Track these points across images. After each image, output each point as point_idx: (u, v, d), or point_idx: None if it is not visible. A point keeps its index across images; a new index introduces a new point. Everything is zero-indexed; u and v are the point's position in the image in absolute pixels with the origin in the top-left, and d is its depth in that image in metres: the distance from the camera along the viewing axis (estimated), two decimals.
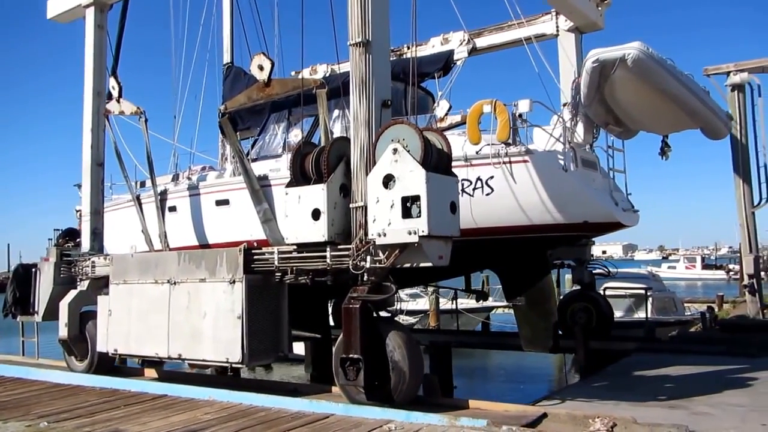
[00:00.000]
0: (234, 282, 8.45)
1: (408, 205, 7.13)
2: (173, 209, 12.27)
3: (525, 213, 9.60)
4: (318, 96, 9.13)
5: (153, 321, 9.24)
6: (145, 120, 11.64)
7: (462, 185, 9.14)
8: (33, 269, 11.90)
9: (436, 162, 7.43)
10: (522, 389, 17.50)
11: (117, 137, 12.09)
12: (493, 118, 9.26)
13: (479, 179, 9.67)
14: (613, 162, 11.35)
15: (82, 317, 10.73)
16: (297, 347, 13.30)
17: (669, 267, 72.97)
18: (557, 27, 12.61)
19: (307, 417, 6.90)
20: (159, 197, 12.05)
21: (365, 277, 7.52)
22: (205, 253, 9.09)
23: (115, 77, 11.91)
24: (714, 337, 13.85)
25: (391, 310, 7.95)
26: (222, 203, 11.53)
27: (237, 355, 8.29)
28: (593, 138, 10.74)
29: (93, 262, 10.80)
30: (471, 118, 9.32)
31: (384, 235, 7.26)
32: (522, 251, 10.31)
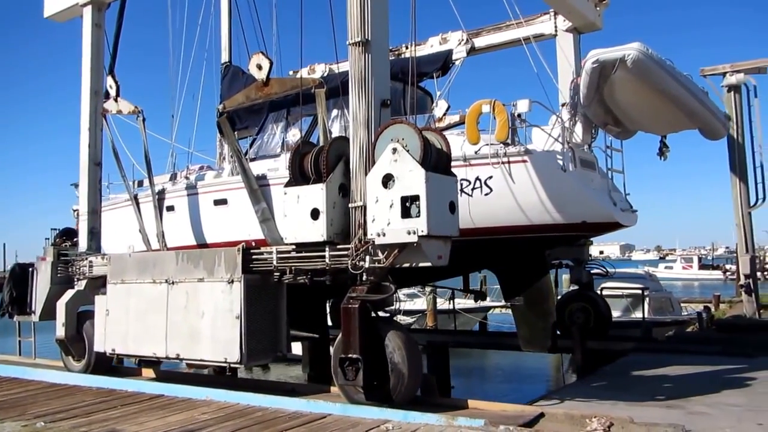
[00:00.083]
0: (232, 282, 8.44)
1: (407, 205, 7.11)
2: (171, 209, 12.25)
3: (524, 213, 9.60)
4: (317, 95, 9.12)
5: (151, 321, 9.22)
6: (143, 119, 11.62)
7: (461, 185, 9.14)
8: (30, 269, 11.87)
9: (435, 162, 7.42)
10: (519, 389, 17.51)
11: (114, 136, 12.08)
12: (492, 118, 9.25)
13: (478, 179, 9.66)
14: (612, 162, 11.38)
15: (79, 317, 10.69)
16: (294, 347, 13.29)
17: (666, 267, 73.05)
18: (555, 27, 12.64)
19: (305, 417, 6.89)
20: (157, 197, 12.02)
21: (364, 277, 7.52)
22: (204, 253, 9.07)
23: (113, 76, 11.88)
24: (710, 337, 13.86)
25: (390, 309, 7.94)
26: (220, 203, 11.51)
27: (235, 355, 8.28)
28: (592, 138, 10.76)
29: (90, 261, 10.77)
30: (470, 118, 9.31)
31: (383, 235, 7.24)
32: (520, 251, 10.31)
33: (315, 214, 7.84)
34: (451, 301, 19.65)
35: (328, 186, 7.83)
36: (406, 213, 7.11)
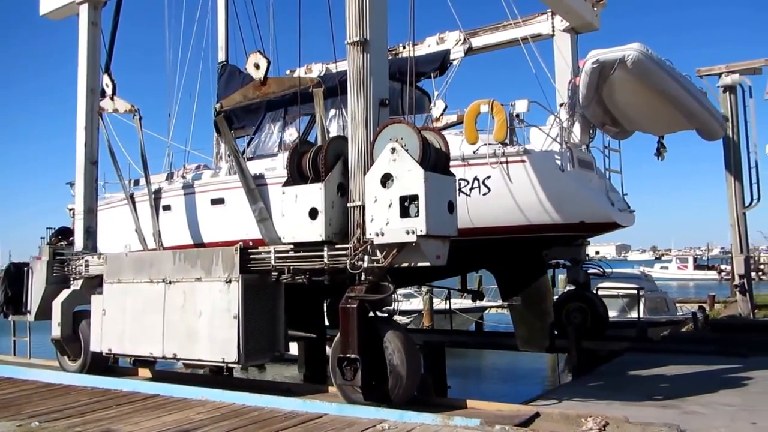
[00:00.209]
0: (230, 281, 8.39)
1: (406, 205, 7.09)
2: (167, 208, 12.19)
3: (522, 213, 9.59)
4: (315, 95, 9.08)
5: (148, 321, 9.17)
6: (140, 118, 11.57)
7: (459, 185, 9.13)
8: (25, 268, 11.80)
9: (434, 161, 7.40)
10: (515, 389, 17.56)
11: (111, 135, 12.03)
12: (490, 117, 9.25)
13: (476, 179, 9.66)
14: (609, 162, 11.40)
15: (75, 317, 10.63)
16: (290, 347, 13.26)
17: (661, 267, 73.12)
18: (553, 27, 12.66)
19: (301, 417, 6.87)
20: (153, 196, 11.97)
21: (363, 277, 7.49)
22: (201, 253, 9.03)
23: (109, 75, 11.83)
24: (705, 337, 13.92)
25: (388, 309, 7.93)
26: (217, 202, 11.46)
27: (233, 355, 8.24)
28: (590, 138, 10.78)
29: (86, 261, 10.71)
30: (468, 117, 9.30)
31: (382, 235, 7.22)
32: (518, 251, 10.31)
33: (313, 213, 7.81)
34: (448, 301, 19.68)
35: (326, 185, 7.80)
36: (404, 213, 7.08)
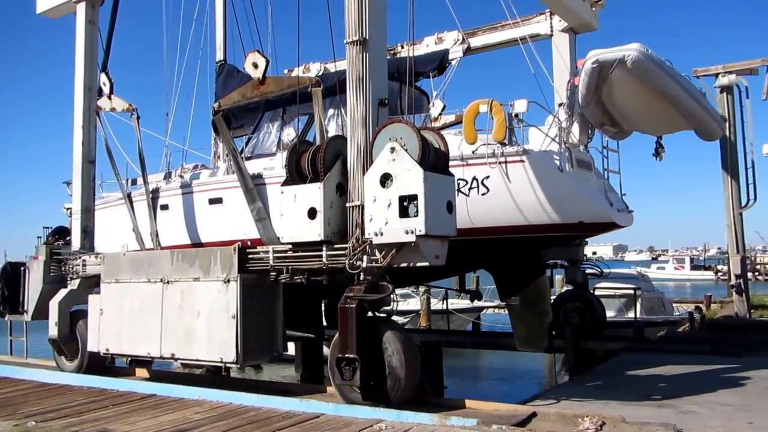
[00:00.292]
0: (228, 281, 8.36)
1: (405, 205, 7.07)
2: (165, 207, 12.16)
3: (521, 213, 9.60)
4: (313, 94, 9.07)
5: (145, 320, 9.13)
6: (137, 117, 11.54)
7: (458, 185, 9.13)
8: (22, 268, 11.75)
9: (433, 161, 7.39)
10: (512, 389, 17.56)
11: (108, 134, 11.99)
12: (489, 117, 9.25)
13: (475, 179, 9.66)
14: (608, 163, 11.41)
15: (72, 316, 10.59)
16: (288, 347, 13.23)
17: (658, 268, 73.30)
18: (551, 27, 12.66)
19: (298, 417, 6.86)
20: (151, 195, 11.93)
21: (361, 277, 7.47)
22: (199, 252, 9.00)
23: (106, 73, 11.80)
24: (702, 337, 13.95)
25: (386, 309, 7.91)
26: (215, 202, 11.44)
27: (231, 355, 8.21)
28: (588, 138, 10.79)
29: (84, 260, 10.66)
30: (467, 117, 9.30)
31: (381, 235, 7.20)
32: (517, 251, 10.31)
33: (312, 213, 7.79)
34: (445, 302, 19.68)
35: (325, 185, 7.77)
36: (404, 212, 7.07)
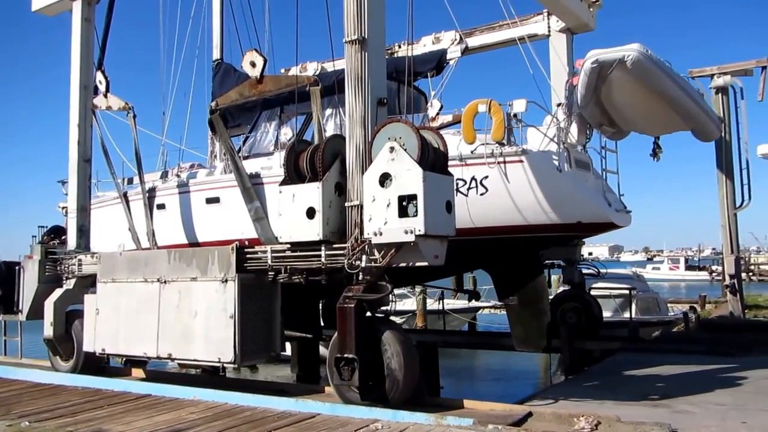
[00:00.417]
0: (226, 281, 8.35)
1: (404, 204, 7.06)
2: (162, 207, 12.10)
3: (519, 213, 9.60)
4: (312, 93, 9.04)
5: (142, 320, 9.10)
6: (134, 116, 11.48)
7: (456, 185, 9.11)
8: (17, 267, 11.68)
9: (432, 161, 7.38)
10: (508, 389, 17.55)
11: (104, 133, 11.92)
12: (488, 117, 9.24)
13: (474, 179, 9.65)
14: (606, 163, 11.42)
15: (68, 316, 10.53)
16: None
17: (653, 268, 73.23)
18: (549, 27, 12.67)
19: (294, 416, 6.86)
20: (147, 194, 11.88)
21: (360, 277, 7.45)
22: (197, 252, 8.97)
23: (102, 72, 11.73)
24: (696, 337, 13.99)
25: (385, 309, 7.89)
26: (212, 201, 11.39)
27: (229, 355, 8.20)
28: (587, 139, 10.79)
29: (80, 260, 10.61)
30: (466, 117, 9.29)
31: (380, 234, 7.18)
32: (515, 251, 10.31)
33: (311, 213, 7.77)
34: (441, 302, 19.66)
35: (324, 185, 7.76)
36: (403, 212, 7.05)
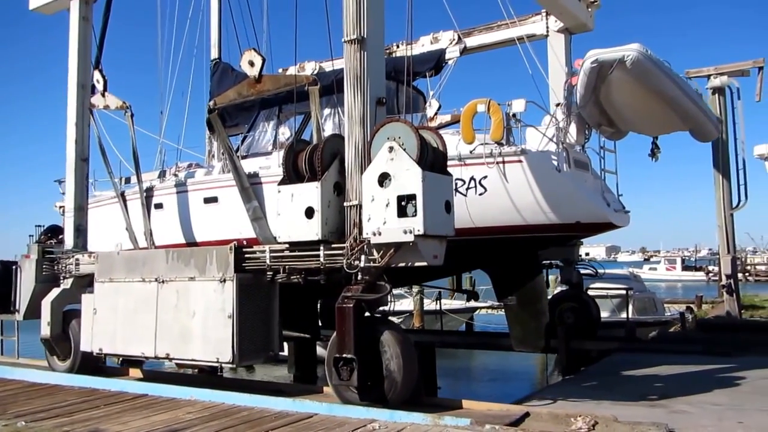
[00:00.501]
0: (225, 281, 8.32)
1: (403, 204, 7.04)
2: (159, 206, 12.07)
3: (518, 213, 9.60)
4: (310, 93, 9.01)
5: (140, 320, 9.06)
6: (131, 115, 11.44)
7: (455, 185, 9.11)
8: (14, 266, 11.63)
9: (432, 161, 7.37)
10: (505, 389, 17.57)
11: (101, 132, 11.88)
12: (487, 117, 9.24)
13: (473, 179, 9.65)
14: (604, 163, 11.44)
15: (65, 316, 10.49)
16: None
17: (650, 268, 73.19)
18: (547, 27, 12.65)
19: (291, 416, 6.84)
20: (145, 194, 11.84)
21: (359, 277, 7.43)
22: (195, 252, 8.93)
23: (100, 71, 11.69)
24: (693, 337, 14.02)
25: (383, 310, 7.88)
26: (210, 201, 11.36)
27: (227, 355, 8.17)
28: (585, 139, 10.79)
29: (77, 259, 10.56)
30: (465, 117, 9.29)
31: (379, 234, 7.17)
32: (514, 251, 10.31)
33: (309, 212, 7.75)
34: (438, 302, 19.67)
35: (323, 184, 7.74)
36: (402, 212, 7.04)
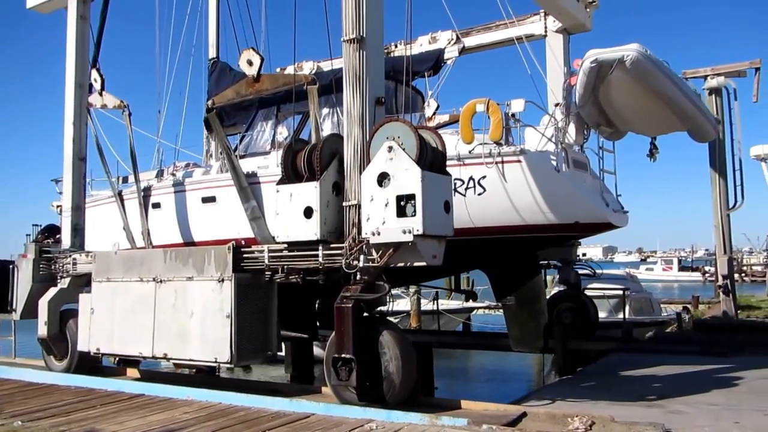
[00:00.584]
0: (223, 280, 8.29)
1: (402, 204, 7.04)
2: (157, 206, 12.03)
3: (517, 213, 9.60)
4: (309, 92, 8.98)
5: (138, 320, 9.03)
6: (129, 114, 11.39)
7: (454, 185, 9.10)
8: (10, 266, 11.58)
9: (431, 160, 7.37)
10: (502, 389, 17.56)
11: (98, 132, 11.84)
12: (486, 117, 9.23)
13: (472, 179, 9.64)
14: (603, 163, 11.44)
15: (62, 316, 10.45)
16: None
17: (647, 269, 73.28)
18: (545, 28, 12.65)
19: (288, 416, 6.84)
20: (142, 193, 11.80)
21: (358, 277, 7.42)
22: (193, 251, 8.91)
23: (97, 70, 11.65)
24: (690, 338, 14.05)
25: (381, 310, 7.87)
26: (208, 200, 11.33)
27: (225, 355, 8.15)
28: (584, 139, 10.80)
29: (74, 259, 10.51)
30: (464, 117, 9.28)
31: (378, 234, 7.16)
32: (513, 251, 10.30)
33: (308, 212, 7.74)
34: (435, 302, 19.66)
35: (321, 184, 7.73)
36: (401, 212, 7.03)
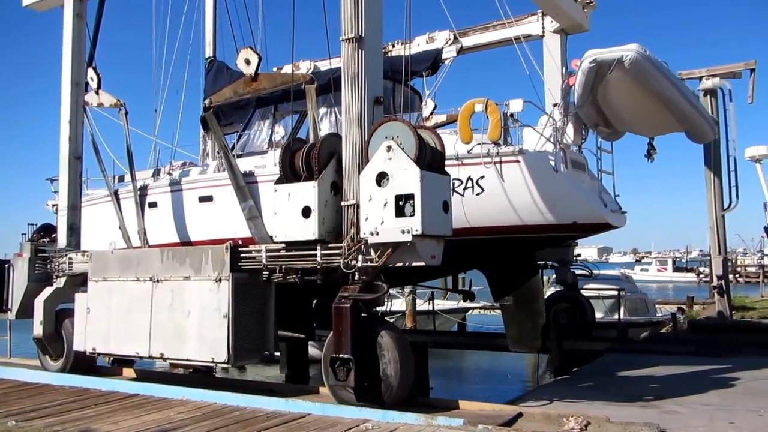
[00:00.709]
0: (220, 280, 8.26)
1: (401, 204, 7.03)
2: (153, 205, 11.98)
3: (515, 213, 9.60)
4: (307, 92, 8.96)
5: (134, 320, 8.99)
6: (126, 113, 11.34)
7: (453, 184, 9.09)
8: (6, 265, 11.52)
9: (430, 160, 7.36)
10: (498, 389, 17.51)
11: (94, 130, 11.78)
12: (485, 117, 9.23)
13: (470, 179, 9.64)
14: (601, 163, 11.46)
15: (57, 315, 10.42)
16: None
17: (641, 269, 73.46)
18: (543, 28, 12.66)
19: (283, 416, 6.83)
20: (139, 193, 11.75)
21: (356, 277, 7.41)
22: (190, 251, 8.87)
23: (94, 68, 11.59)
24: (684, 338, 14.09)
25: (380, 309, 7.85)
26: (205, 200, 11.29)
27: (223, 355, 8.12)
28: (582, 139, 10.81)
29: (70, 258, 10.48)
30: (463, 116, 9.28)
31: (376, 234, 7.15)
32: (511, 251, 10.30)
33: (306, 212, 7.72)
34: (431, 302, 19.65)
35: (320, 183, 7.71)
36: (400, 212, 7.02)
